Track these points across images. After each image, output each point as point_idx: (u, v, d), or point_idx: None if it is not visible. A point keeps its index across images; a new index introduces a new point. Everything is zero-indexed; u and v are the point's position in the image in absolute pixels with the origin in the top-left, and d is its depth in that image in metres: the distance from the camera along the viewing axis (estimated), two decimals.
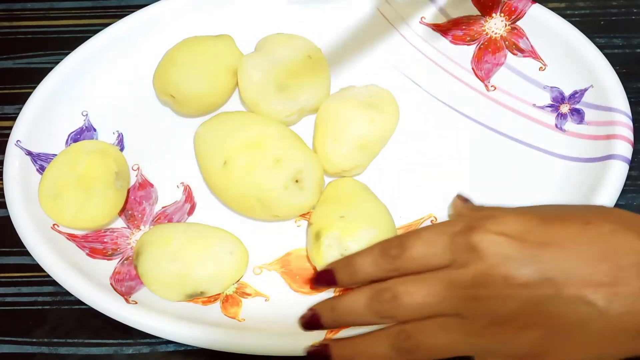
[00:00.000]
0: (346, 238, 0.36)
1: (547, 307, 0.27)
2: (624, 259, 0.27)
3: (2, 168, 0.41)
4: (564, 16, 0.43)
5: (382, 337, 0.29)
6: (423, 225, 0.40)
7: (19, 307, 0.39)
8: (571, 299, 0.27)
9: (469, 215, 0.29)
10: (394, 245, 0.29)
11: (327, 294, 0.38)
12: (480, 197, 0.40)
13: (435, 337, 0.29)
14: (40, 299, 0.39)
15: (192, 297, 0.37)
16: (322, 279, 0.31)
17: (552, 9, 0.44)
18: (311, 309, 0.31)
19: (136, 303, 0.37)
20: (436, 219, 0.40)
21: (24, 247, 0.39)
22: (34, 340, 0.38)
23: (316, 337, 0.34)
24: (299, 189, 0.38)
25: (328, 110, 0.41)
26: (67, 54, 0.44)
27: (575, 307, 0.27)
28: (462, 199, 0.33)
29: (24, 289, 0.40)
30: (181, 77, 0.42)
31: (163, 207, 0.42)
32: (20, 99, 0.44)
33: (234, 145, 0.38)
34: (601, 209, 0.29)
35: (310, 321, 0.31)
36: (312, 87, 0.42)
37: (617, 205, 0.38)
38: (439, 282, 0.28)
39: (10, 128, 0.42)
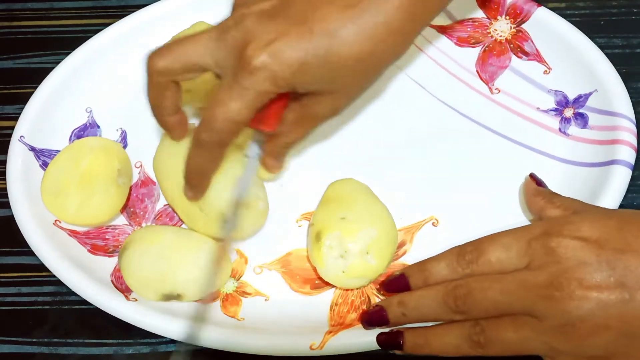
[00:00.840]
0: (347, 239, 0.36)
1: (621, 310, 0.28)
2: None
3: (3, 168, 0.41)
4: (564, 16, 0.43)
5: (456, 328, 0.31)
6: (424, 227, 0.40)
7: (19, 307, 0.39)
8: None
9: (546, 221, 0.30)
10: (470, 250, 0.31)
11: (329, 294, 0.38)
12: (483, 200, 0.41)
13: (506, 333, 0.30)
14: (40, 299, 0.39)
15: (169, 298, 0.37)
16: (395, 284, 0.32)
17: (552, 9, 0.44)
18: (376, 305, 0.32)
19: (136, 300, 0.37)
20: (437, 221, 0.40)
21: (24, 247, 0.39)
22: (34, 340, 0.38)
23: (317, 337, 0.35)
24: (233, 225, 0.37)
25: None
26: (67, 54, 0.44)
27: None
28: (535, 180, 0.35)
29: (24, 289, 0.40)
30: None
31: (164, 205, 0.42)
32: (21, 99, 0.44)
33: (172, 194, 0.39)
34: None
35: (376, 316, 0.32)
36: None
37: (617, 205, 0.38)
38: (514, 281, 0.29)
39: (11, 128, 0.42)
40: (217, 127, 0.32)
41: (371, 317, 0.33)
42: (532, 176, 0.37)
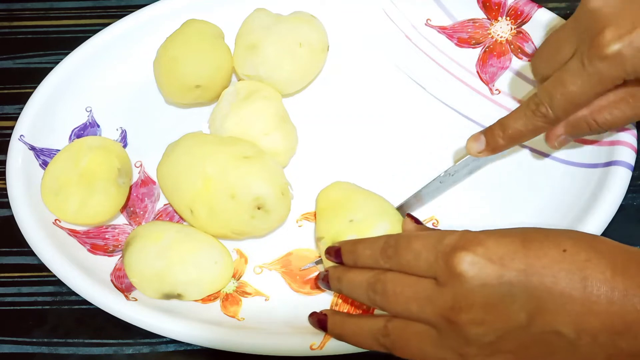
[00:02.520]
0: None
1: (519, 337, 0.28)
2: (595, 290, 0.28)
3: (3, 168, 0.41)
4: (565, 16, 0.43)
5: (367, 328, 0.32)
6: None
7: (19, 307, 0.39)
8: (543, 329, 0.28)
9: (458, 234, 0.30)
10: (391, 245, 0.32)
11: (328, 295, 0.38)
12: (484, 200, 0.41)
13: (409, 342, 0.31)
14: (40, 299, 0.39)
15: (169, 297, 0.37)
16: (332, 252, 0.35)
17: (552, 9, 0.44)
18: (326, 270, 0.35)
19: (136, 300, 0.37)
20: (438, 222, 0.40)
21: (24, 247, 0.39)
22: (34, 340, 0.38)
23: (317, 337, 0.35)
24: (265, 212, 0.37)
25: None
26: (67, 54, 0.44)
27: (546, 337, 0.28)
28: (412, 220, 0.36)
29: (24, 289, 0.40)
30: (201, 63, 0.42)
31: (165, 205, 0.42)
32: (20, 99, 0.44)
33: (190, 194, 0.38)
34: (578, 234, 0.30)
35: (325, 278, 0.35)
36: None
37: (617, 206, 0.38)
38: (423, 293, 0.30)
39: (11, 128, 0.42)
40: (555, 104, 0.34)
41: (322, 277, 0.35)
42: (409, 215, 0.37)
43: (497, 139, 0.37)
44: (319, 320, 0.35)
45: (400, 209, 0.39)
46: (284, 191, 0.38)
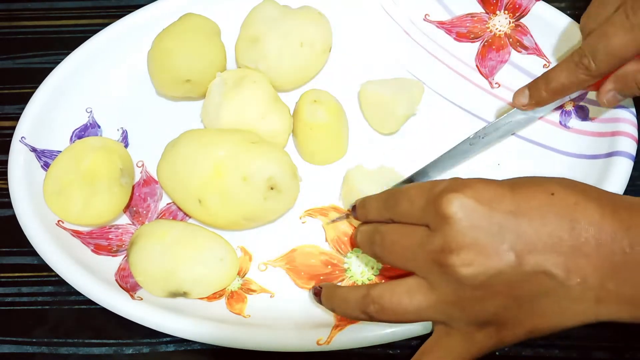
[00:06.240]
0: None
1: (510, 277, 0.29)
2: (584, 232, 0.28)
3: (3, 168, 0.41)
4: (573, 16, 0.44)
5: (354, 301, 0.33)
6: None
7: (19, 307, 0.39)
8: (533, 269, 0.28)
9: (449, 180, 0.31)
10: (391, 195, 0.33)
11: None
12: None
13: (400, 300, 0.31)
14: (40, 299, 0.39)
15: (175, 295, 0.37)
16: (353, 209, 0.37)
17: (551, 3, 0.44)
18: (353, 210, 0.36)
19: (141, 299, 0.37)
20: None
21: (24, 247, 0.39)
22: (34, 340, 0.38)
23: (324, 333, 0.34)
24: (278, 192, 0.37)
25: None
26: (67, 54, 0.44)
27: (536, 277, 0.28)
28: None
29: (24, 289, 0.39)
30: (193, 58, 0.41)
31: (167, 204, 0.41)
32: (20, 99, 0.44)
33: (200, 182, 0.37)
34: (566, 181, 0.30)
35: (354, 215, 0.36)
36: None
37: None
38: (417, 240, 0.31)
39: (11, 128, 0.42)
40: (599, 57, 0.35)
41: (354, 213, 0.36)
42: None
43: (541, 92, 0.38)
44: (315, 293, 0.35)
45: (430, 167, 0.40)
46: (294, 172, 0.38)
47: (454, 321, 0.30)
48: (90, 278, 0.37)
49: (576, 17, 0.43)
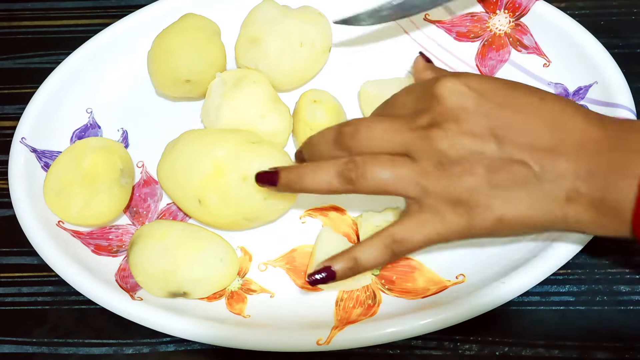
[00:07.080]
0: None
1: (489, 160, 0.30)
2: (567, 134, 0.30)
3: (3, 168, 0.41)
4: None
5: (329, 165, 0.32)
6: None
7: (19, 307, 0.39)
8: (511, 157, 0.30)
9: (443, 74, 0.33)
10: (386, 102, 0.35)
11: (333, 291, 0.38)
12: None
13: (381, 170, 0.31)
14: (40, 299, 0.39)
15: (175, 295, 0.37)
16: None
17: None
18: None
19: (142, 299, 0.37)
20: None
21: (24, 247, 0.39)
22: (34, 340, 0.38)
23: (324, 333, 0.34)
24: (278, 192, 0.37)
25: None
26: (67, 54, 0.44)
27: (513, 166, 0.30)
28: (425, 58, 0.38)
29: (24, 289, 0.39)
30: (193, 58, 0.42)
31: (167, 204, 0.42)
32: (21, 99, 0.44)
33: (200, 182, 0.37)
34: (559, 95, 0.32)
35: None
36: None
37: None
38: (400, 121, 0.31)
39: (11, 128, 0.42)
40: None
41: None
42: (421, 54, 0.39)
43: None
44: (269, 178, 0.33)
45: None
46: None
47: (428, 196, 0.31)
48: (91, 278, 0.37)
49: (576, 17, 0.43)
